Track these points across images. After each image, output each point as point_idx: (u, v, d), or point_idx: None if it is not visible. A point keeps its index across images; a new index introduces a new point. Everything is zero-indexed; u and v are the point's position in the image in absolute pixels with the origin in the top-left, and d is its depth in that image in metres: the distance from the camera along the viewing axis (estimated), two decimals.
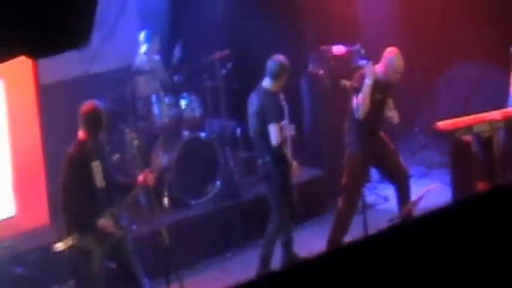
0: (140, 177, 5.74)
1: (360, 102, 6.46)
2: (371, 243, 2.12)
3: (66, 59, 6.61)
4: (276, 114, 6.26)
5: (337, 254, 2.14)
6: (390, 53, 6.60)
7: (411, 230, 2.13)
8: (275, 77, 6.34)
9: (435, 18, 8.14)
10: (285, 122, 6.33)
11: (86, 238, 5.51)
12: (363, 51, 6.66)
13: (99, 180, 5.55)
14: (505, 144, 7.32)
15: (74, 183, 5.54)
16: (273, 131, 6.22)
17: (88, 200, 5.53)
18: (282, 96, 6.38)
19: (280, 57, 6.42)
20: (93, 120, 5.61)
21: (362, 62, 6.63)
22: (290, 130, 6.39)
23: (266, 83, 6.39)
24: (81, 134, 5.66)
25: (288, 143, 6.38)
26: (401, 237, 2.09)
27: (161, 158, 6.12)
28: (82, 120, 5.66)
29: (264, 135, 6.27)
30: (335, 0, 8.03)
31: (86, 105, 5.71)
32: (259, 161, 6.41)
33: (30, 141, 6.81)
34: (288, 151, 6.35)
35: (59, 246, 5.57)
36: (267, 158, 6.29)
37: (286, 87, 6.57)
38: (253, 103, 6.40)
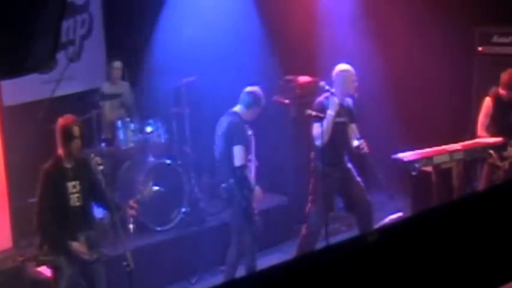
0: (130, 207, 5.71)
1: (321, 132, 6.57)
2: (360, 244, 2.18)
3: (31, 80, 6.60)
4: (242, 137, 6.33)
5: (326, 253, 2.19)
6: (341, 68, 6.73)
7: (406, 228, 2.19)
8: (247, 106, 6.43)
9: (401, 54, 8.35)
10: (251, 155, 6.39)
11: (58, 257, 5.46)
12: (327, 87, 6.76)
13: (75, 200, 5.49)
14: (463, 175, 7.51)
15: (47, 200, 5.46)
16: (238, 152, 6.27)
17: (60, 220, 5.45)
18: (248, 128, 6.44)
19: (255, 89, 6.50)
20: (65, 135, 5.53)
21: (326, 93, 6.74)
22: (255, 161, 6.47)
23: (237, 108, 6.47)
24: (59, 150, 5.60)
25: (253, 172, 6.45)
26: (392, 237, 2.15)
27: (150, 188, 6.09)
28: (57, 135, 5.59)
29: (229, 156, 6.30)
30: (301, 29, 8.21)
31: (60, 120, 5.66)
32: (223, 185, 6.43)
33: None
34: (251, 177, 6.41)
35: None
36: (231, 181, 6.33)
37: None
38: (221, 124, 6.46)
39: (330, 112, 6.64)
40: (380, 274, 2.19)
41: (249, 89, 6.48)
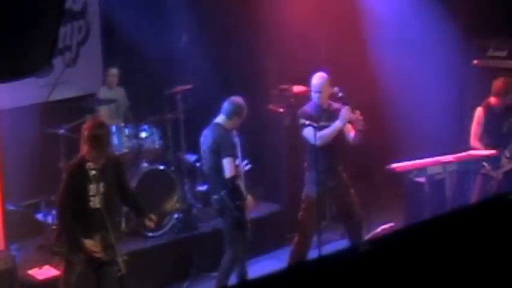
0: (149, 220, 5.71)
1: (323, 136, 6.59)
2: (352, 254, 2.19)
3: (26, 85, 6.59)
4: (229, 148, 6.33)
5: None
6: (321, 75, 6.78)
7: (403, 238, 2.20)
8: (228, 115, 6.41)
9: (397, 66, 8.39)
10: (238, 159, 6.40)
11: (71, 252, 5.46)
12: (340, 94, 6.76)
13: (95, 202, 5.46)
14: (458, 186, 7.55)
15: (68, 197, 5.45)
16: (227, 164, 6.28)
17: (78, 218, 5.44)
18: (235, 132, 6.44)
19: (237, 99, 6.49)
20: (96, 138, 5.49)
21: (338, 104, 6.76)
22: (243, 166, 6.48)
23: (220, 119, 6.46)
24: (84, 149, 5.55)
25: (242, 178, 6.46)
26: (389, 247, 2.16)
27: (174, 204, 6.06)
28: (85, 137, 5.52)
29: (219, 169, 6.32)
30: (298, 41, 8.24)
31: (90, 122, 5.65)
32: (214, 197, 6.44)
33: None
34: (242, 185, 6.43)
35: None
36: (223, 193, 6.34)
37: (247, 123, 6.66)
38: (207, 138, 6.46)
39: (339, 123, 6.64)
40: (372, 285, 2.20)
41: (231, 98, 6.47)
